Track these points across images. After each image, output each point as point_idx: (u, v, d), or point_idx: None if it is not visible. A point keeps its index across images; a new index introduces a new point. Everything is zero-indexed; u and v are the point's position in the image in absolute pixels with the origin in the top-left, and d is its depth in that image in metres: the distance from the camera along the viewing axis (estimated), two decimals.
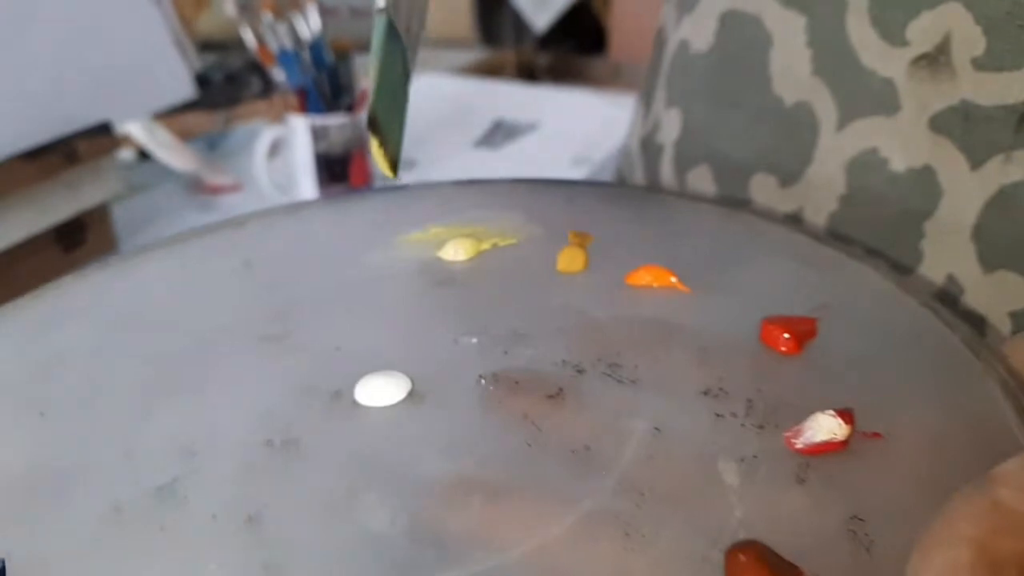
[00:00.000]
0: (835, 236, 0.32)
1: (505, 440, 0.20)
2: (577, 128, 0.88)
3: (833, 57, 0.32)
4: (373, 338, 0.23)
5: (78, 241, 0.62)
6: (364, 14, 1.26)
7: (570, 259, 0.27)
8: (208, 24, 1.00)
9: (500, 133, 0.89)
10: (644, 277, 0.26)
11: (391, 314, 0.25)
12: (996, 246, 0.29)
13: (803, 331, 0.22)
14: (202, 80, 0.87)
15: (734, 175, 0.37)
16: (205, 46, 0.97)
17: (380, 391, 0.21)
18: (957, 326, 0.23)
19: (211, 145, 0.83)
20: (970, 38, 0.28)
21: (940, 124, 0.29)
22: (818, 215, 0.34)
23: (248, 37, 0.72)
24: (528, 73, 1.22)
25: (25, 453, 0.20)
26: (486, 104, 0.96)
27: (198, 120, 0.85)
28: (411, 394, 0.21)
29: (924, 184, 0.30)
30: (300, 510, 0.18)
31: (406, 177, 0.76)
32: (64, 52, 0.56)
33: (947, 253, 0.30)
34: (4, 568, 0.16)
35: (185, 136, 0.81)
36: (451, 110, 0.95)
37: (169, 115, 0.80)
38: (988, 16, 0.28)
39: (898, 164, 0.31)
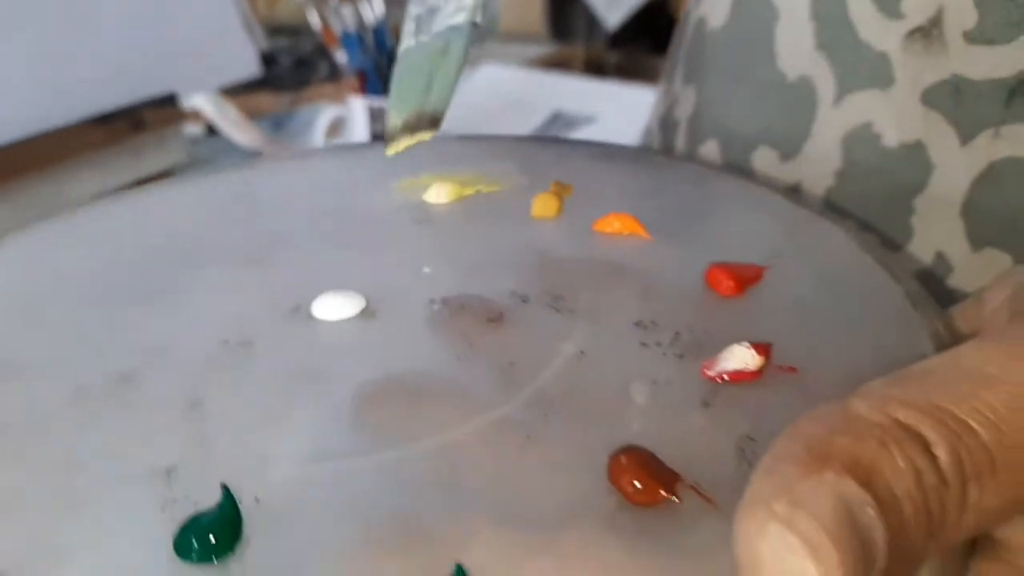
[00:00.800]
0: (830, 208, 0.32)
1: (438, 353, 0.21)
2: (634, 123, 0.88)
3: (833, 31, 0.32)
4: (343, 266, 0.25)
5: None
6: (401, 4, 1.28)
7: (544, 205, 0.28)
8: (284, 10, 1.05)
9: (558, 124, 0.90)
10: (611, 224, 0.26)
11: (365, 246, 0.26)
12: (984, 223, 0.29)
13: (747, 275, 0.23)
14: (272, 62, 0.91)
15: (738, 149, 0.37)
16: (279, 30, 1.01)
17: (334, 307, 0.22)
18: (905, 281, 0.23)
19: (276, 124, 0.86)
20: (962, 11, 0.28)
21: (932, 98, 0.29)
22: (816, 190, 0.34)
23: (314, 19, 0.75)
24: (596, 69, 1.23)
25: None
26: (547, 96, 0.97)
27: (266, 100, 0.89)
28: (363, 312, 0.23)
29: (915, 159, 0.30)
30: (238, 398, 0.20)
31: None
32: (135, 24, 0.59)
33: (936, 230, 0.30)
34: None
35: (252, 114, 0.84)
36: (511, 100, 0.97)
37: (239, 94, 0.84)
38: None
39: (890, 139, 0.31)
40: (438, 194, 0.29)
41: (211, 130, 0.83)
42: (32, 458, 0.18)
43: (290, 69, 0.93)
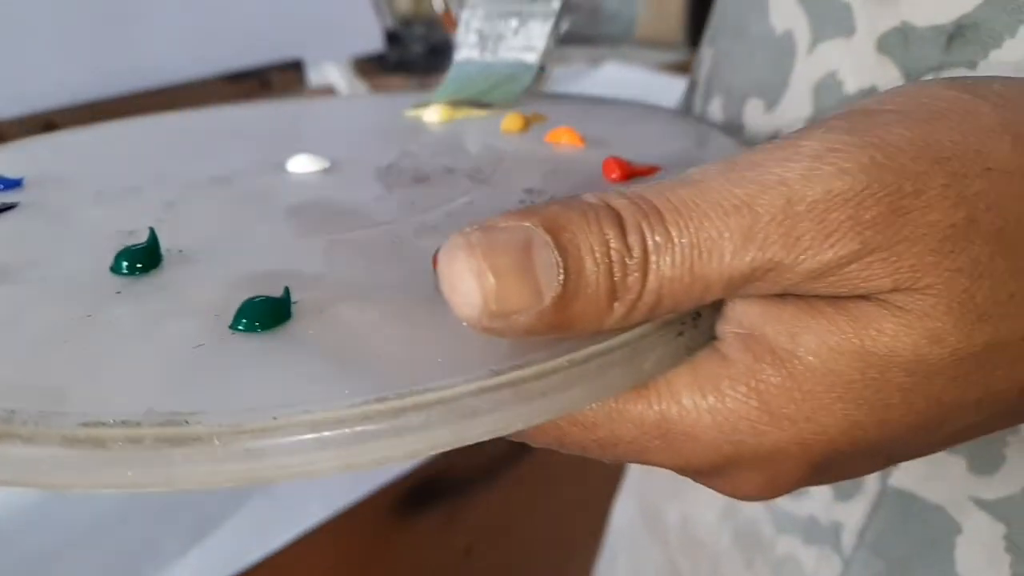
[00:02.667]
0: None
1: (367, 194, 0.26)
2: None
3: None
4: (330, 149, 0.31)
5: None
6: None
7: (511, 121, 0.33)
8: (427, 5, 1.14)
9: None
10: (557, 136, 0.31)
11: (355, 141, 0.33)
12: None
13: (636, 170, 0.27)
14: (405, 47, 1.00)
15: (734, 102, 0.40)
16: (418, 20, 1.10)
17: (303, 163, 0.29)
18: None
19: None
20: None
21: (884, 45, 0.31)
22: None
23: (438, 3, 0.83)
24: None
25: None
26: (668, 98, 1.01)
27: (395, 81, 0.98)
28: (325, 169, 0.29)
29: None
30: (206, 204, 0.26)
31: None
32: None
33: None
34: None
35: (379, 90, 0.94)
36: (627, 97, 1.01)
37: (371, 73, 0.93)
38: None
39: (851, 86, 0.33)
40: (432, 114, 0.35)
41: None
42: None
43: (422, 55, 1.02)
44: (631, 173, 0.27)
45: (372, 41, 0.77)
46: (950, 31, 0.30)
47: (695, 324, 0.19)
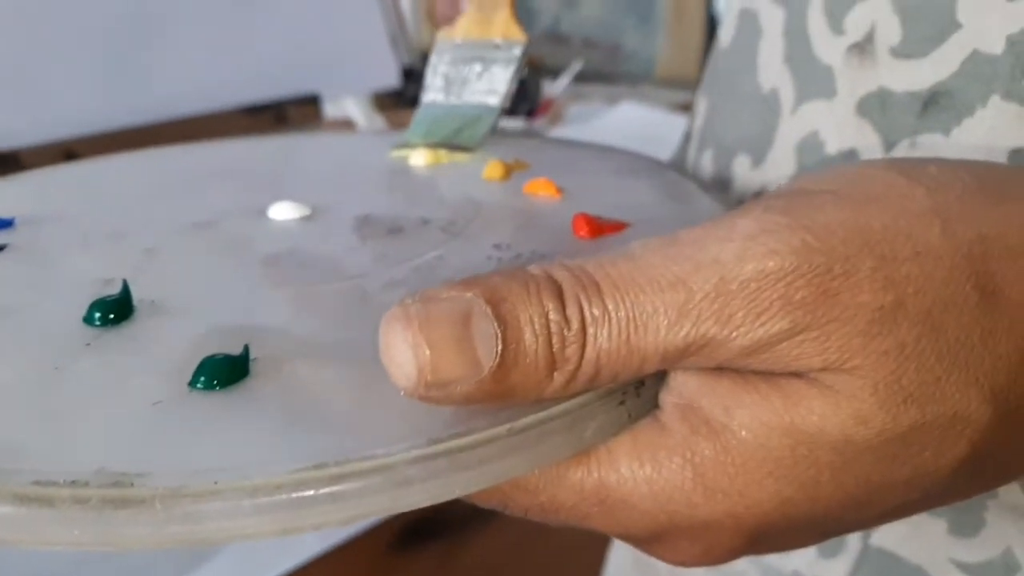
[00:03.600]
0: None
1: (341, 245, 0.27)
2: None
3: (797, 45, 0.36)
4: (313, 193, 0.32)
5: None
6: (563, 41, 1.35)
7: (492, 169, 0.33)
8: None
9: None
10: (535, 187, 0.32)
11: (338, 185, 0.33)
12: None
13: (605, 226, 0.27)
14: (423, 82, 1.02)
15: (724, 156, 0.41)
16: None
17: (284, 210, 0.30)
18: None
19: None
20: (891, 28, 0.31)
21: (864, 108, 0.32)
22: None
23: None
24: None
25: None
26: (678, 137, 1.01)
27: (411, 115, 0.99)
28: (305, 217, 0.30)
29: None
30: (186, 249, 0.27)
31: None
32: (288, 27, 0.70)
33: None
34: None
35: (396, 126, 0.95)
36: (641, 138, 1.01)
37: (388, 107, 0.95)
38: (903, 8, 0.30)
39: (832, 147, 0.34)
40: (417, 158, 0.35)
41: None
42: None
43: None
44: (599, 230, 0.27)
45: (388, 77, 0.78)
46: (925, 98, 0.30)
47: (638, 393, 0.20)
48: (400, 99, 0.94)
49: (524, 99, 0.82)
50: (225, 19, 0.67)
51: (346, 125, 0.94)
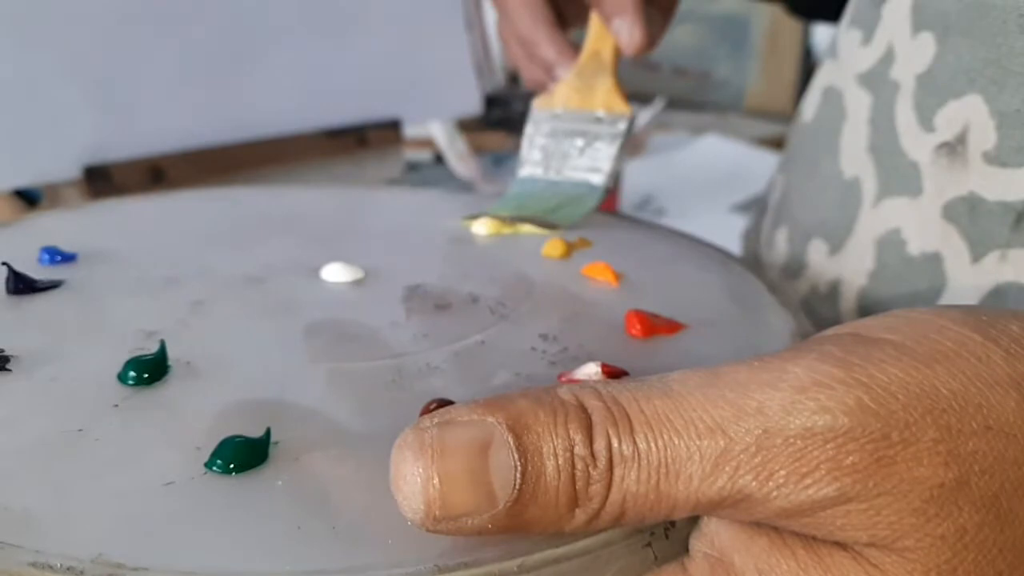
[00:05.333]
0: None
1: (386, 318, 0.26)
2: None
3: (882, 136, 0.34)
4: (368, 254, 0.31)
5: None
6: (653, 68, 1.32)
7: (552, 247, 0.32)
8: None
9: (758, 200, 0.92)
10: (594, 270, 0.30)
11: (396, 247, 0.33)
12: None
13: (658, 326, 0.26)
14: (507, 105, 1.02)
15: (799, 238, 0.39)
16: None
17: (337, 272, 0.29)
18: None
19: (497, 161, 0.96)
20: (985, 131, 0.29)
21: (951, 212, 0.30)
22: (850, 289, 0.35)
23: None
24: None
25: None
26: (763, 173, 0.98)
27: (495, 139, 0.99)
28: (357, 281, 0.29)
29: (932, 270, 0.31)
30: (231, 306, 0.27)
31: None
32: (374, 52, 0.71)
33: None
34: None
35: (479, 149, 0.95)
36: (724, 173, 0.98)
37: (473, 130, 0.95)
38: (1001, 111, 0.28)
39: (914, 247, 0.32)
40: (480, 227, 0.34)
41: (438, 159, 0.94)
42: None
43: (524, 115, 1.03)
44: (652, 330, 0.26)
45: (471, 105, 0.78)
46: (1020, 210, 0.28)
47: (666, 535, 0.18)
48: (485, 120, 0.95)
49: None
50: (314, 43, 0.68)
51: (427, 144, 0.95)
